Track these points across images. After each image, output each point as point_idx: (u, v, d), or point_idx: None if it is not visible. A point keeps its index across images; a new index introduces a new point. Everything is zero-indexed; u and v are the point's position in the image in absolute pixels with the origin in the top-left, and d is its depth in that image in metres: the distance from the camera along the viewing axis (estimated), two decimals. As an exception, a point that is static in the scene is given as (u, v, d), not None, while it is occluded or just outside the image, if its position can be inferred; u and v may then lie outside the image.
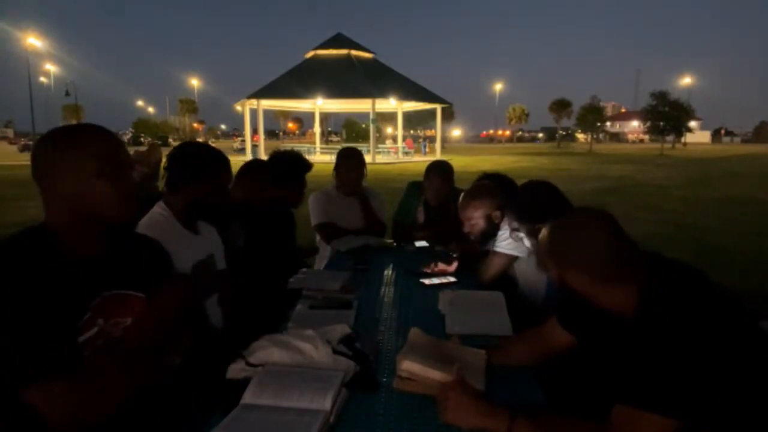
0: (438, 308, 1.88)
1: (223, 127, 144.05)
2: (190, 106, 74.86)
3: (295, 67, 29.50)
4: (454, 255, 2.55)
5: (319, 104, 29.34)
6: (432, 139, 40.93)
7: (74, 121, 36.03)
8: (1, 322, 0.95)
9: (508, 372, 1.37)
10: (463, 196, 2.34)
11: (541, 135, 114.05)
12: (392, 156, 30.30)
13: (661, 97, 41.67)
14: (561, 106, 64.90)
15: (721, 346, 1.00)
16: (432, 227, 3.08)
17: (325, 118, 55.02)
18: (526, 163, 25.44)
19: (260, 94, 26.88)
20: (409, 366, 1.27)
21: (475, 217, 2.26)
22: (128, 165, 1.18)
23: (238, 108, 31.30)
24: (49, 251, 1.07)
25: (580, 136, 75.04)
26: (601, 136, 70.55)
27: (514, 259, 2.19)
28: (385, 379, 1.34)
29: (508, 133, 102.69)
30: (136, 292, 1.20)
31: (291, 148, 3.62)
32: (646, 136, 68.19)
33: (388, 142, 42.93)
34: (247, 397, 1.16)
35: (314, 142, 36.40)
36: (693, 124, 52.16)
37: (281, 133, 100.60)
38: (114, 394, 1.05)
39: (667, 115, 41.18)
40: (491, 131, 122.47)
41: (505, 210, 2.20)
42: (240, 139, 43.54)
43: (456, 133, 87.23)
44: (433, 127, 41.59)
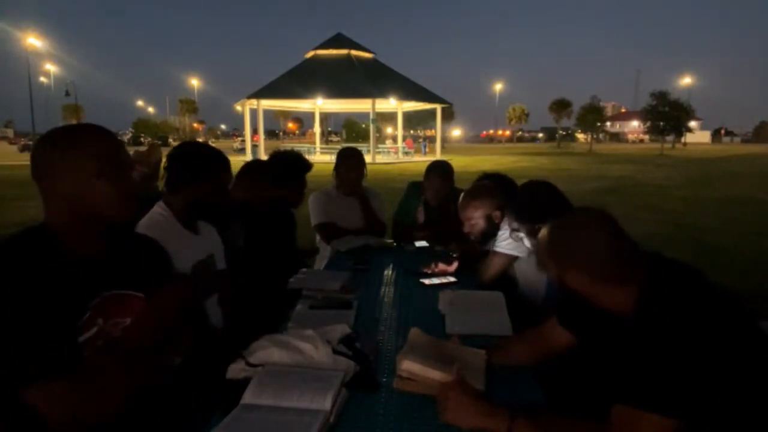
0: (438, 308, 1.88)
1: (223, 127, 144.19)
2: (190, 106, 74.83)
3: (295, 67, 29.50)
4: (454, 255, 2.55)
5: (319, 104, 29.33)
6: (432, 139, 40.93)
7: (74, 121, 36.02)
8: (1, 322, 0.95)
9: (508, 372, 1.37)
10: (463, 196, 2.34)
11: (541, 135, 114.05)
12: (392, 156, 30.30)
13: (661, 97, 41.65)
14: (561, 106, 64.88)
15: (720, 346, 1.00)
16: (432, 227, 3.08)
17: (325, 118, 55.01)
18: (526, 163, 25.44)
19: (260, 94, 26.88)
20: (409, 366, 1.27)
21: (475, 217, 2.26)
22: (128, 165, 1.18)
23: (238, 108, 31.30)
24: (49, 251, 1.07)
25: (580, 136, 75.04)
26: (601, 136, 70.55)
27: (514, 259, 2.19)
28: (385, 379, 1.34)
29: (508, 133, 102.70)
30: (135, 292, 1.20)
31: (291, 148, 3.62)
32: (646, 136, 68.19)
33: (388, 142, 42.92)
34: (247, 397, 1.16)
35: (314, 142, 36.40)
36: (693, 124, 52.15)
37: (281, 133, 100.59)
38: (114, 394, 1.05)
39: (667, 115, 41.16)
40: (491, 131, 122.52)
41: (505, 210, 2.20)
42: (240, 139, 43.54)
43: (456, 133, 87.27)
44: (433, 127, 41.60)
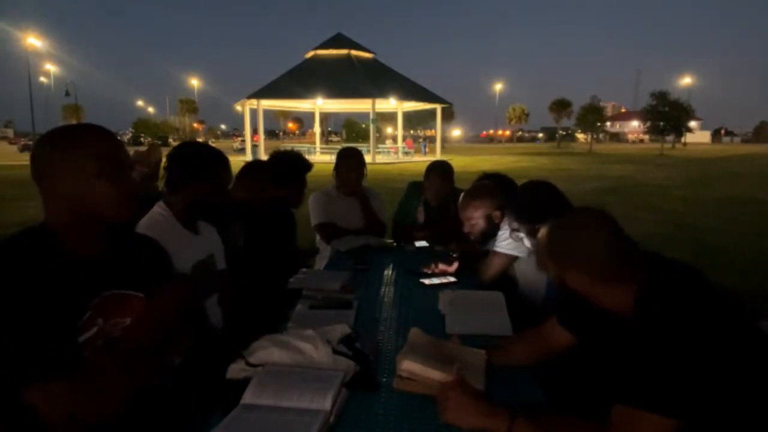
0: (438, 308, 1.88)
1: (223, 127, 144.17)
2: (190, 106, 74.80)
3: (295, 67, 29.49)
4: (454, 255, 2.55)
5: (319, 104, 29.33)
6: (432, 139, 40.91)
7: (74, 121, 36.02)
8: (1, 322, 0.95)
9: (508, 372, 1.37)
10: (463, 196, 2.34)
11: (541, 135, 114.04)
12: (392, 156, 30.29)
13: (661, 97, 41.64)
14: (561, 106, 64.86)
15: (720, 346, 1.00)
16: (432, 227, 3.08)
17: (325, 118, 55.00)
18: (526, 163, 25.44)
19: (260, 94, 26.88)
20: (409, 366, 1.27)
21: (475, 217, 2.26)
22: (128, 165, 1.18)
23: (238, 108, 31.29)
24: (49, 251, 1.07)
25: (580, 136, 75.03)
26: (601, 136, 70.54)
27: (514, 259, 2.19)
28: (385, 379, 1.34)
29: (508, 133, 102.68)
30: (135, 292, 1.20)
31: (291, 148, 3.62)
32: (646, 136, 68.17)
33: (388, 142, 42.91)
34: (247, 397, 1.16)
35: (314, 142, 36.39)
36: (693, 124, 52.14)
37: (281, 133, 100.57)
38: (114, 394, 1.05)
39: (667, 115, 41.15)
40: (491, 131, 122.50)
41: (505, 210, 2.20)
42: (240, 139, 43.53)
43: (456, 133, 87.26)
44: (433, 127, 41.59)
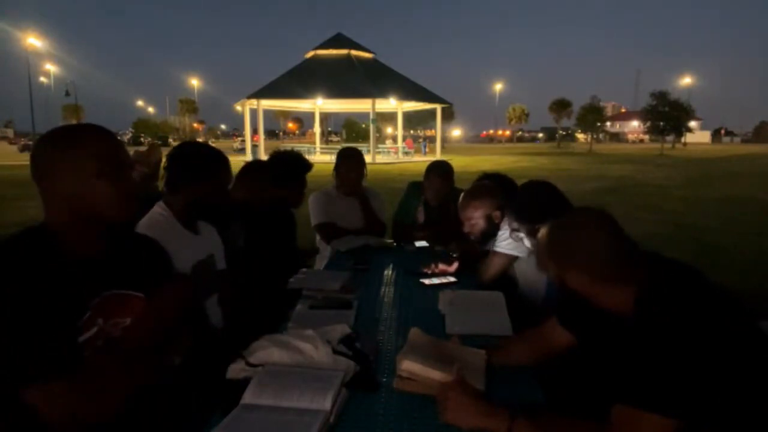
0: (438, 308, 1.88)
1: (223, 127, 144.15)
2: (190, 106, 74.78)
3: (295, 67, 29.49)
4: (454, 255, 2.55)
5: (319, 104, 29.33)
6: (432, 139, 40.91)
7: (74, 121, 36.02)
8: (1, 322, 0.95)
9: (508, 372, 1.37)
10: (463, 196, 2.34)
11: (541, 135, 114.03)
12: (392, 156, 30.29)
13: (661, 97, 41.63)
14: (561, 106, 64.86)
15: (720, 346, 1.00)
16: (432, 227, 3.08)
17: (325, 118, 55.00)
18: (526, 163, 25.44)
19: (260, 94, 26.87)
20: (409, 366, 1.27)
21: (475, 217, 2.26)
22: (128, 165, 1.18)
23: (238, 108, 31.29)
24: (49, 251, 1.07)
25: (580, 136, 75.03)
26: (601, 136, 70.54)
27: (514, 259, 2.19)
28: (385, 379, 1.34)
29: (508, 133, 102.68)
30: (135, 292, 1.20)
31: (291, 148, 3.62)
32: (646, 136, 68.18)
33: (388, 142, 42.91)
34: (247, 397, 1.16)
35: (314, 142, 36.39)
36: (693, 124, 52.14)
37: (281, 133, 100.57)
38: (114, 394, 1.05)
39: (667, 115, 41.15)
40: (491, 131, 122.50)
41: (505, 210, 2.20)
42: (240, 139, 43.52)
43: (456, 133, 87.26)
44: (433, 127, 41.59)
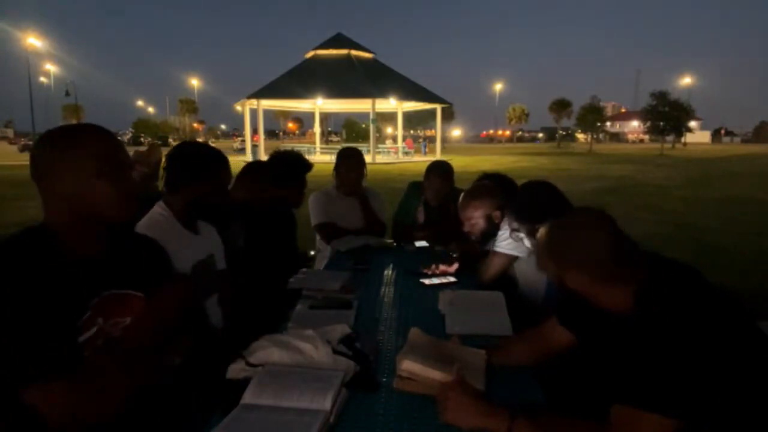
0: (438, 308, 1.88)
1: (223, 127, 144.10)
2: (190, 106, 74.75)
3: (295, 67, 29.49)
4: (454, 255, 2.55)
5: (319, 104, 29.32)
6: (432, 139, 40.91)
7: (74, 121, 36.01)
8: (1, 322, 0.95)
9: (508, 372, 1.37)
10: (463, 196, 2.34)
11: (541, 135, 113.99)
12: (392, 156, 30.29)
13: (661, 97, 41.63)
14: (561, 106, 64.85)
15: (720, 346, 1.00)
16: (432, 227, 3.08)
17: (325, 118, 54.99)
18: (526, 163, 25.44)
19: (260, 94, 26.87)
20: (409, 366, 1.27)
21: (475, 217, 2.26)
22: (128, 165, 1.18)
23: (238, 108, 31.28)
24: (49, 251, 1.07)
25: (580, 136, 75.02)
26: (601, 136, 70.54)
27: (514, 259, 2.19)
28: (385, 379, 1.34)
29: (508, 133, 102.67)
30: (135, 292, 1.20)
31: (291, 148, 3.62)
32: (646, 136, 68.17)
33: (388, 142, 42.90)
34: (247, 397, 1.16)
35: (314, 142, 36.38)
36: (693, 124, 52.13)
37: (281, 133, 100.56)
38: (114, 394, 1.05)
39: (667, 115, 41.14)
40: (491, 131, 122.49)
41: (505, 210, 2.20)
42: (240, 139, 43.51)
43: (456, 133, 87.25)
44: (433, 127, 41.58)
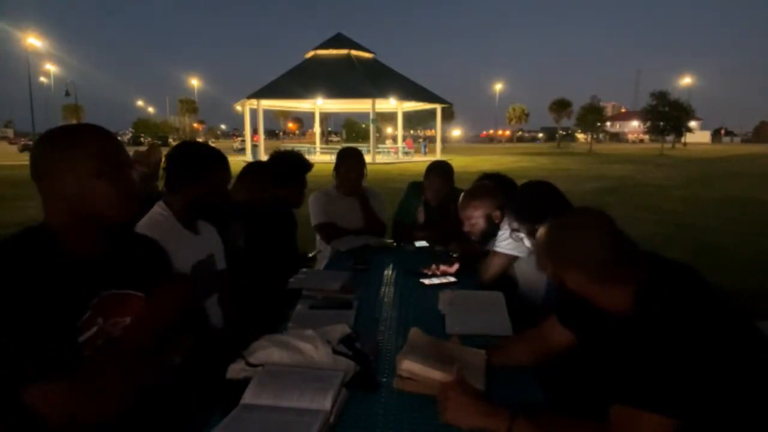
0: (438, 308, 1.88)
1: (223, 127, 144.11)
2: (190, 106, 74.76)
3: (295, 67, 29.48)
4: (454, 255, 2.55)
5: (319, 104, 29.32)
6: (432, 139, 40.91)
7: (74, 121, 36.01)
8: (1, 322, 0.95)
9: (508, 372, 1.37)
10: (463, 195, 2.34)
11: (541, 135, 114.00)
12: (392, 156, 30.29)
13: (661, 97, 41.63)
14: (561, 106, 64.86)
15: (720, 346, 1.00)
16: (432, 227, 3.08)
17: (325, 118, 54.99)
18: (526, 163, 25.44)
19: (260, 94, 26.86)
20: (409, 366, 1.27)
21: (475, 217, 2.26)
22: (128, 165, 1.18)
23: (238, 108, 31.28)
24: (49, 251, 1.06)
25: (580, 136, 75.04)
26: (601, 136, 70.54)
27: (514, 259, 2.19)
28: (385, 379, 1.34)
29: (508, 133, 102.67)
30: (135, 292, 1.20)
31: (291, 148, 3.62)
32: (646, 136, 68.20)
33: (388, 142, 42.89)
34: (247, 397, 1.16)
35: (314, 142, 36.38)
36: (693, 124, 52.14)
37: (281, 133, 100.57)
38: (114, 394, 1.05)
39: (667, 115, 41.15)
40: (491, 131, 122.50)
41: (505, 210, 2.20)
42: (240, 139, 43.50)
43: (456, 133, 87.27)
44: (433, 127, 41.59)
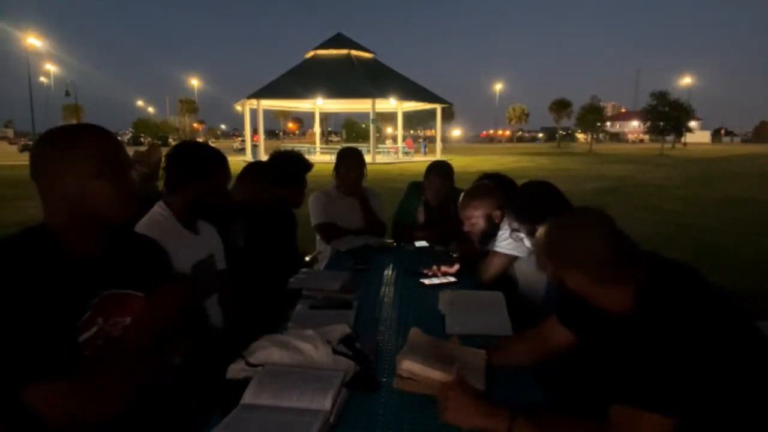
0: (438, 308, 1.88)
1: (223, 127, 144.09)
2: (190, 106, 74.74)
3: (295, 67, 29.48)
4: (454, 255, 2.55)
5: (319, 104, 29.32)
6: (432, 139, 40.91)
7: (74, 121, 36.01)
8: (1, 322, 0.95)
9: (508, 372, 1.37)
10: (463, 195, 2.34)
11: (541, 135, 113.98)
12: (392, 156, 30.28)
13: (661, 97, 41.63)
14: (561, 106, 64.86)
15: (719, 346, 1.00)
16: (432, 227, 3.08)
17: (325, 118, 54.98)
18: (526, 163, 25.44)
19: (260, 94, 26.86)
20: (409, 366, 1.27)
21: (475, 217, 2.26)
22: (128, 165, 1.18)
23: (238, 108, 31.27)
24: (49, 251, 1.06)
25: (580, 136, 75.05)
26: (601, 136, 70.55)
27: (514, 259, 2.19)
28: (385, 379, 1.34)
29: (508, 133, 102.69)
30: (135, 292, 1.20)
31: (291, 148, 3.62)
32: (646, 136, 68.21)
33: (388, 142, 42.89)
34: (247, 397, 1.16)
35: (314, 142, 36.38)
36: (693, 124, 52.14)
37: (281, 133, 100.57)
38: (114, 394, 1.05)
39: (667, 115, 41.15)
40: (491, 131, 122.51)
41: (505, 210, 2.20)
42: (240, 139, 43.49)
43: (456, 133, 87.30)
44: (433, 127, 41.58)
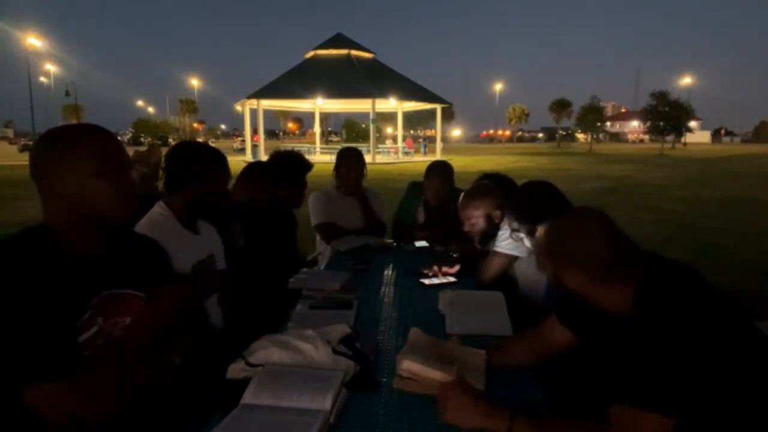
0: (438, 308, 1.88)
1: (223, 127, 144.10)
2: (190, 106, 74.74)
3: (295, 67, 29.48)
4: (455, 255, 2.55)
5: (319, 104, 29.32)
6: (432, 139, 40.93)
7: (74, 121, 36.00)
8: (1, 322, 0.95)
9: (508, 372, 1.37)
10: (463, 195, 2.34)
11: (541, 135, 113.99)
12: (392, 156, 30.29)
13: (661, 97, 41.65)
14: (561, 106, 64.88)
15: (719, 346, 1.00)
16: (432, 227, 3.08)
17: (325, 118, 54.99)
18: (526, 163, 25.44)
19: (260, 94, 26.86)
20: (409, 366, 1.27)
21: (475, 217, 2.26)
22: (128, 165, 1.18)
23: (238, 108, 31.28)
24: (49, 251, 1.06)
25: (580, 136, 75.06)
26: (601, 136, 70.55)
27: (514, 259, 2.19)
28: (385, 379, 1.34)
29: (508, 133, 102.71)
30: (135, 292, 1.20)
31: (291, 148, 3.62)
32: (646, 136, 68.22)
33: (388, 142, 42.90)
34: (247, 397, 1.17)
35: (314, 142, 36.38)
36: (693, 124, 52.15)
37: (281, 133, 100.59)
38: (114, 394, 1.05)
39: (667, 115, 41.16)
40: (491, 131, 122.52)
41: (505, 210, 2.20)
42: (240, 139, 43.50)
43: (456, 133, 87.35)
44: (433, 127, 41.59)
